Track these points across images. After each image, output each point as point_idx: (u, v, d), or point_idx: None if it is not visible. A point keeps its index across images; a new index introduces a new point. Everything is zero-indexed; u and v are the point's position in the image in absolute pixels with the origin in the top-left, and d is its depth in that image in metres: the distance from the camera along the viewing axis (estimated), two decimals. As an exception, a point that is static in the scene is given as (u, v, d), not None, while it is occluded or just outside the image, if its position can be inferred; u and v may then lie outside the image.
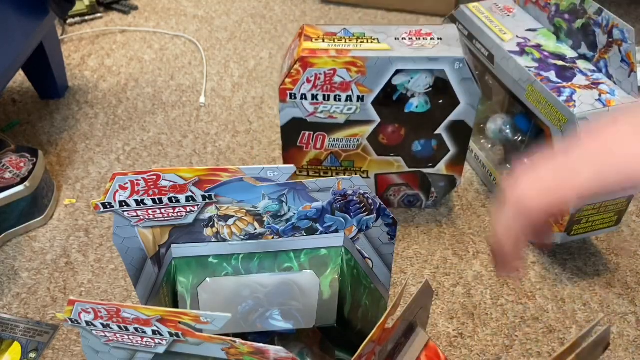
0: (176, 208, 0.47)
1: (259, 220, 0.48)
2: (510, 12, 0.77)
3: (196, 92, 0.99)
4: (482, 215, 0.77)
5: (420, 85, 0.65)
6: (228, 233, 0.49)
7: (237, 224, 0.49)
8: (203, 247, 0.49)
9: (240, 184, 0.45)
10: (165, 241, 0.49)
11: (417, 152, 0.71)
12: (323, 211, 0.48)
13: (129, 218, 0.47)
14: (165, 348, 0.40)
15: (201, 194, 0.46)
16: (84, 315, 0.39)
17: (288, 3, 1.24)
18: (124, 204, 0.45)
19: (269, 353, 0.36)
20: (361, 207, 0.48)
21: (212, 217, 0.48)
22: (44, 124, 0.92)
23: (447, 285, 0.68)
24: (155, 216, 0.47)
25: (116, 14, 1.20)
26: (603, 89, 0.64)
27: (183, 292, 0.49)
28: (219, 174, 0.44)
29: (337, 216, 0.49)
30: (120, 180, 0.44)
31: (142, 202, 0.45)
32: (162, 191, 0.45)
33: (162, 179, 0.44)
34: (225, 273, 0.49)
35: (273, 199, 0.47)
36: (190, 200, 0.46)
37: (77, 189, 0.81)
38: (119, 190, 0.44)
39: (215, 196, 0.46)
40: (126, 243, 0.48)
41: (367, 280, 0.49)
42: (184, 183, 0.44)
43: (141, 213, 0.46)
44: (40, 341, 0.63)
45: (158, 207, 0.46)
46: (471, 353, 0.62)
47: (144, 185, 0.44)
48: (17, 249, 0.73)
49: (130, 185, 0.44)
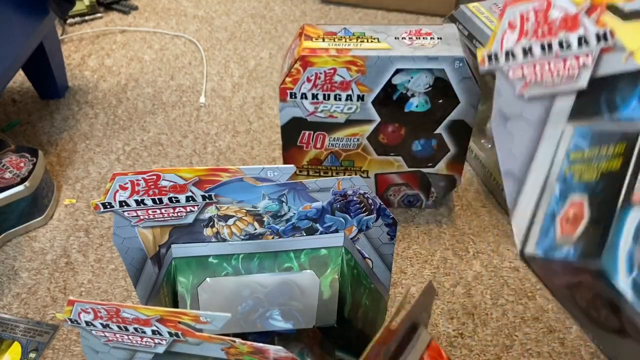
0: (176, 208, 0.47)
1: (259, 220, 0.48)
2: (510, 11, 0.77)
3: (196, 92, 0.99)
4: (482, 215, 0.77)
5: (420, 85, 0.65)
6: (228, 233, 0.49)
7: (237, 224, 0.48)
8: (203, 247, 0.49)
9: (240, 184, 0.45)
10: (166, 241, 0.49)
11: (417, 152, 0.71)
12: (323, 211, 0.48)
13: (129, 218, 0.47)
14: (165, 348, 0.40)
15: (201, 193, 0.46)
16: (84, 315, 0.39)
17: (288, 3, 1.24)
18: (124, 204, 0.45)
19: (269, 353, 0.36)
20: (361, 207, 0.48)
21: (212, 217, 0.48)
22: (44, 124, 0.92)
23: (447, 285, 0.68)
24: (155, 216, 0.47)
25: (116, 14, 1.20)
26: (603, 88, 0.64)
27: (183, 292, 0.49)
28: (219, 174, 0.44)
29: (337, 216, 0.49)
30: (120, 180, 0.44)
31: (142, 202, 0.45)
32: (162, 191, 0.45)
33: (162, 179, 0.44)
34: (225, 273, 0.49)
35: (273, 199, 0.47)
36: (190, 200, 0.46)
37: (77, 189, 0.81)
38: (119, 190, 0.44)
39: (215, 196, 0.46)
40: (126, 243, 0.48)
41: (367, 280, 0.49)
42: (184, 183, 0.44)
43: (141, 213, 0.46)
44: (40, 341, 0.63)
45: (158, 207, 0.46)
46: (471, 353, 0.62)
47: (144, 185, 0.44)
48: (17, 249, 0.73)
49: (131, 186, 0.44)
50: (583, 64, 0.38)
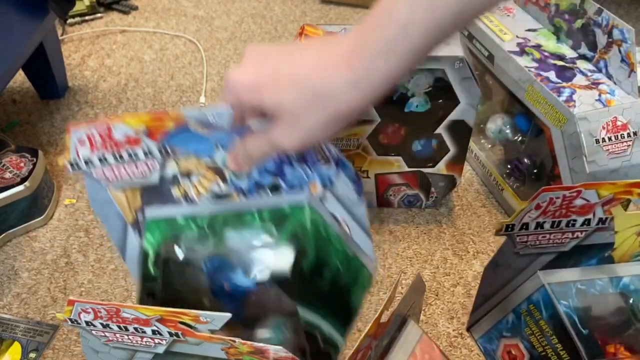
0: (138, 165, 0.48)
1: (221, 176, 0.49)
2: (510, 12, 0.77)
3: (196, 92, 0.99)
4: (482, 215, 0.77)
5: (420, 85, 0.65)
6: (195, 193, 0.50)
7: (202, 182, 0.49)
8: (172, 208, 0.50)
9: (190, 134, 0.46)
10: (140, 205, 0.50)
11: (417, 152, 0.71)
12: (281, 162, 0.48)
13: (98, 180, 0.48)
14: (165, 348, 0.40)
15: (156, 146, 0.46)
16: (84, 315, 0.39)
17: (288, 3, 1.24)
18: (89, 162, 0.46)
19: (269, 352, 0.36)
20: (316, 154, 0.48)
21: (176, 175, 0.49)
22: (44, 124, 0.92)
23: (447, 285, 0.68)
24: (122, 175, 0.48)
25: (116, 14, 1.20)
26: (603, 89, 0.64)
27: (148, 250, 0.50)
28: (162, 119, 0.45)
29: (295, 167, 0.48)
30: (76, 134, 0.45)
31: (105, 158, 0.46)
32: (118, 145, 0.46)
33: (114, 129, 0.45)
34: (191, 232, 0.50)
35: (226, 148, 0.47)
36: (149, 155, 0.47)
37: (77, 188, 0.81)
38: (79, 147, 0.45)
39: (170, 148, 0.47)
40: (105, 209, 0.49)
41: (341, 244, 0.49)
42: (136, 136, 0.45)
43: (107, 172, 0.47)
44: (41, 341, 0.63)
45: (120, 164, 0.47)
46: (471, 353, 0.62)
47: (99, 139, 0.45)
48: (17, 249, 0.73)
49: (87, 140, 0.45)
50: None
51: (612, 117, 0.62)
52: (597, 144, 0.62)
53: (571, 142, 0.63)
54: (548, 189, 0.46)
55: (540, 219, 0.48)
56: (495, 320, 0.58)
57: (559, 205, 0.47)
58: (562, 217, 0.48)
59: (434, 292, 0.68)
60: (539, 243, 0.51)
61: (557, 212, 0.48)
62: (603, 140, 0.62)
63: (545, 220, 0.49)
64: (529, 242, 0.50)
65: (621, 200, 0.47)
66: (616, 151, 0.62)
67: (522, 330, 0.55)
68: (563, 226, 0.49)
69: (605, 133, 0.62)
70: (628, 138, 0.62)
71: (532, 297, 0.53)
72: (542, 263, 0.53)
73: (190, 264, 0.50)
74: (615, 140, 0.62)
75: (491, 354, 0.59)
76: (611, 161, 0.62)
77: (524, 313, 0.54)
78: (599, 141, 0.62)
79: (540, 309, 0.53)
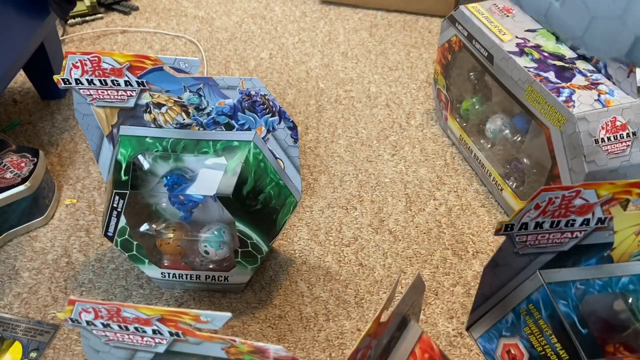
0: (119, 91, 0.60)
1: (185, 111, 0.62)
2: (510, 12, 0.78)
3: (196, 93, 0.99)
4: (482, 215, 0.77)
5: None
6: (163, 120, 0.63)
7: (169, 113, 0.62)
8: (144, 130, 0.62)
9: (163, 73, 0.58)
10: (116, 122, 0.63)
11: None
12: (235, 109, 0.61)
13: (85, 96, 0.60)
14: (165, 347, 0.40)
15: (135, 79, 0.58)
16: (85, 314, 0.39)
17: (288, 3, 1.24)
18: (78, 81, 0.59)
19: (269, 352, 0.36)
20: (265, 108, 0.61)
21: (149, 104, 0.61)
22: (44, 124, 0.92)
23: (447, 285, 0.69)
24: (104, 96, 0.60)
25: (117, 15, 1.20)
26: (602, 89, 0.64)
27: (121, 160, 0.60)
28: (143, 60, 0.57)
29: (247, 115, 0.62)
30: (72, 59, 0.57)
31: (92, 82, 0.59)
32: (104, 73, 0.58)
33: (102, 61, 0.57)
34: (156, 150, 0.61)
35: (193, 91, 0.60)
36: (128, 85, 0.59)
37: (78, 188, 0.81)
38: (72, 69, 0.57)
39: (147, 83, 0.59)
40: (86, 120, 0.63)
41: (275, 175, 0.61)
42: (120, 67, 0.57)
43: (92, 92, 0.60)
44: (41, 341, 0.63)
45: (104, 88, 0.59)
46: (471, 352, 0.62)
47: (90, 66, 0.57)
48: (18, 249, 0.73)
49: (80, 65, 0.57)
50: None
51: (611, 117, 0.62)
52: (596, 144, 0.62)
53: (570, 142, 0.63)
54: (547, 189, 0.46)
55: (539, 218, 0.48)
56: (494, 320, 0.58)
57: (558, 205, 0.47)
58: (562, 217, 0.49)
59: (434, 291, 0.68)
60: (538, 243, 0.51)
61: (556, 212, 0.48)
62: (602, 141, 0.62)
63: (545, 220, 0.49)
64: (528, 241, 0.51)
65: (620, 200, 0.47)
66: (615, 151, 0.62)
67: (521, 330, 0.55)
68: (562, 226, 0.49)
69: (605, 133, 0.62)
70: (627, 138, 0.62)
71: (532, 297, 0.53)
72: (542, 263, 0.53)
73: (153, 174, 0.63)
74: (614, 140, 0.62)
75: (490, 353, 0.59)
76: (610, 161, 0.62)
77: (523, 312, 0.55)
78: (598, 141, 0.62)
79: (539, 308, 0.53)
